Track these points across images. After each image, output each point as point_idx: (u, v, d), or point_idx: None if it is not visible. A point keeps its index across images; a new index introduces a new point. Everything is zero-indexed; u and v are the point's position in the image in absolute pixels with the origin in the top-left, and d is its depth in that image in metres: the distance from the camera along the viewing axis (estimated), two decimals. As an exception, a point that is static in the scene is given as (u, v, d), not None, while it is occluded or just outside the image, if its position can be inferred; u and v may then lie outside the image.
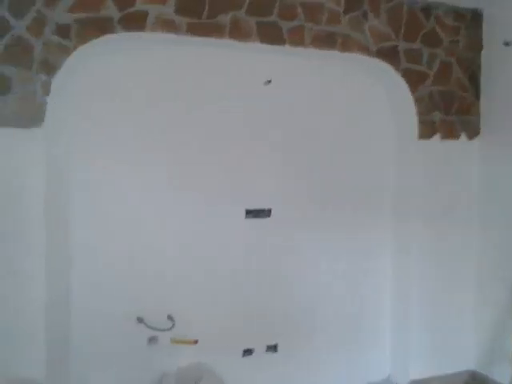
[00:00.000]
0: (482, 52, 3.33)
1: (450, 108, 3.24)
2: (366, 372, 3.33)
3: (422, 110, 3.15)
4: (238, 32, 2.66)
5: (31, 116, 2.31)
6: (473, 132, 3.33)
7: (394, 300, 3.35)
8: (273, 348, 3.06)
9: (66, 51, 2.36)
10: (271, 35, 2.73)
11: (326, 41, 2.86)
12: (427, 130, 3.18)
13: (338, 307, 3.23)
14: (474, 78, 3.31)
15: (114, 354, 2.71)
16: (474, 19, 3.30)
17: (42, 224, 2.35)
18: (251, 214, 2.98)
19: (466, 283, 3.35)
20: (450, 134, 3.26)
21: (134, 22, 2.46)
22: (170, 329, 2.76)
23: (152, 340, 2.77)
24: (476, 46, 3.32)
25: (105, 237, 2.68)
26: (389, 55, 3.04)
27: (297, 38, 2.79)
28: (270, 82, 2.96)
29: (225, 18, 2.63)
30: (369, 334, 3.33)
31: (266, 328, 3.05)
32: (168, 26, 2.52)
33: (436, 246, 3.24)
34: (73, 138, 2.60)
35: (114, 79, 2.66)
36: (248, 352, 3.01)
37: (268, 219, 3.02)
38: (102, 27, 2.41)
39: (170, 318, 2.80)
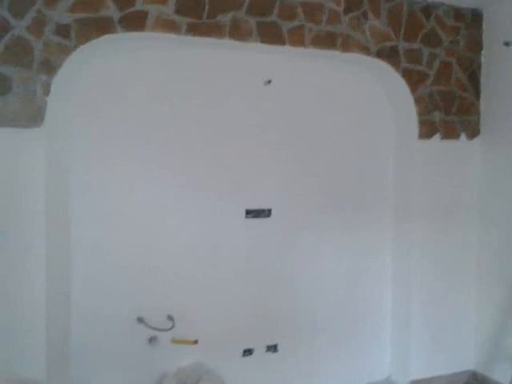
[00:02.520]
0: (482, 52, 3.33)
1: (450, 108, 3.24)
2: (366, 372, 3.33)
3: (422, 110, 3.16)
4: (237, 32, 2.66)
5: (31, 116, 2.31)
6: (473, 132, 3.34)
7: (394, 300, 3.36)
8: (273, 348, 3.07)
9: (66, 51, 2.36)
10: (271, 35, 2.73)
11: (326, 41, 2.86)
12: (427, 129, 3.18)
13: (338, 307, 3.23)
14: (473, 78, 3.32)
15: (114, 354, 2.71)
16: (474, 19, 3.30)
17: (43, 224, 2.35)
18: (251, 213, 2.98)
19: (466, 283, 3.35)
20: (450, 134, 3.26)
21: (134, 22, 2.46)
22: (170, 329, 2.76)
23: (152, 340, 2.77)
24: (476, 46, 3.32)
25: (105, 237, 2.68)
26: (389, 55, 3.04)
27: (297, 38, 2.79)
28: (270, 82, 2.96)
29: (225, 18, 2.63)
30: (369, 333, 3.33)
31: (266, 328, 3.05)
32: (168, 25, 2.52)
33: (436, 246, 3.24)
34: (73, 137, 2.61)
35: (114, 79, 2.66)
36: (248, 352, 3.01)
37: (268, 219, 3.02)
38: (102, 27, 2.41)
39: (169, 318, 2.80)
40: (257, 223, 2.99)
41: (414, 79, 3.12)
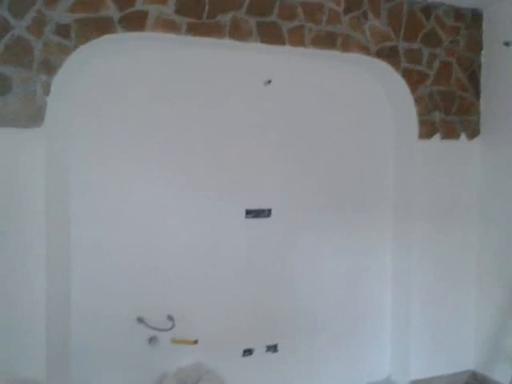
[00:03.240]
0: (482, 52, 3.33)
1: (450, 108, 3.24)
2: (366, 372, 3.33)
3: (422, 110, 3.16)
4: (237, 32, 2.66)
5: (31, 116, 2.31)
6: (473, 132, 3.34)
7: (394, 300, 3.36)
8: (273, 348, 3.07)
9: (66, 51, 2.36)
10: (271, 35, 2.73)
11: (326, 41, 2.86)
12: (427, 129, 3.18)
13: (338, 307, 3.23)
14: (473, 78, 3.32)
15: (114, 354, 2.71)
16: (474, 19, 3.30)
17: (43, 224, 2.35)
18: (251, 213, 2.98)
19: (466, 283, 3.35)
20: (450, 133, 3.26)
21: (134, 22, 2.46)
22: (170, 329, 2.76)
23: (152, 340, 2.77)
24: (476, 46, 3.32)
25: (105, 237, 2.68)
26: (389, 55, 3.04)
27: (297, 38, 2.79)
28: (270, 82, 2.96)
29: (225, 18, 2.63)
30: (369, 333, 3.33)
31: (266, 328, 3.05)
32: (168, 26, 2.52)
33: (436, 246, 3.24)
34: (73, 137, 2.61)
35: (114, 79, 2.66)
36: (248, 352, 3.01)
37: (268, 219, 3.02)
38: (102, 27, 2.41)
39: (169, 317, 2.80)
40: (257, 223, 2.99)
41: (414, 79, 3.12)
